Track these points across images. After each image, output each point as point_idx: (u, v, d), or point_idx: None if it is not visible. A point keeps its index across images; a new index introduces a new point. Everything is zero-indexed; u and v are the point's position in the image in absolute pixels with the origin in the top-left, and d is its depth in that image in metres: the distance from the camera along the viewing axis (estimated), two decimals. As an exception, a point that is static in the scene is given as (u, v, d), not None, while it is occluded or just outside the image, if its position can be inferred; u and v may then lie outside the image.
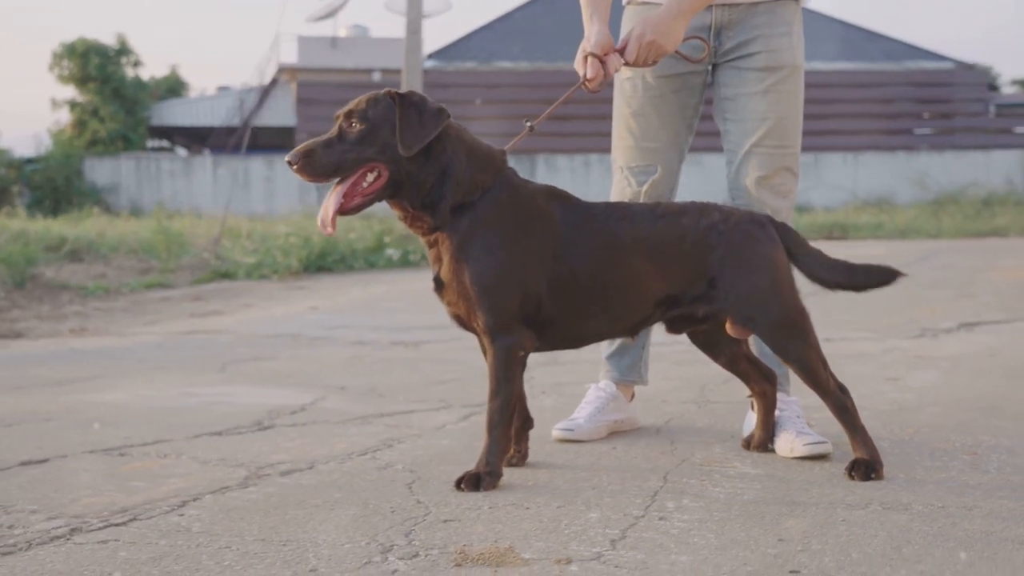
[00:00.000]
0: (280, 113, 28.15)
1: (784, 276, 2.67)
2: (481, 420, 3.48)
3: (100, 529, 2.30)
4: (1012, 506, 2.35)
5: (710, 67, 3.10)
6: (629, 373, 3.19)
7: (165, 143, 33.46)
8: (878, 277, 2.71)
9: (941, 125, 25.86)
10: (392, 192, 2.56)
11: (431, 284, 2.69)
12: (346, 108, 2.56)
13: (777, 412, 2.92)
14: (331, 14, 28.39)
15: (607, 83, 2.92)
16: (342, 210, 2.55)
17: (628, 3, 3.15)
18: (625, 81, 3.11)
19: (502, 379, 2.57)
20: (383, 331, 6.26)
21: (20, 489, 2.66)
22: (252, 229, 13.22)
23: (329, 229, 2.55)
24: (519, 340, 2.58)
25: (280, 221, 12.33)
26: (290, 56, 29.22)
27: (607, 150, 14.78)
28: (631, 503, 2.41)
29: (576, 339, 2.74)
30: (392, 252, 10.70)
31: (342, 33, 30.46)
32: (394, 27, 41.60)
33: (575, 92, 2.97)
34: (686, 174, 3.45)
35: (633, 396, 3.25)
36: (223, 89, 34.12)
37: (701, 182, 17.43)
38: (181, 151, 33.34)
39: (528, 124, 2.88)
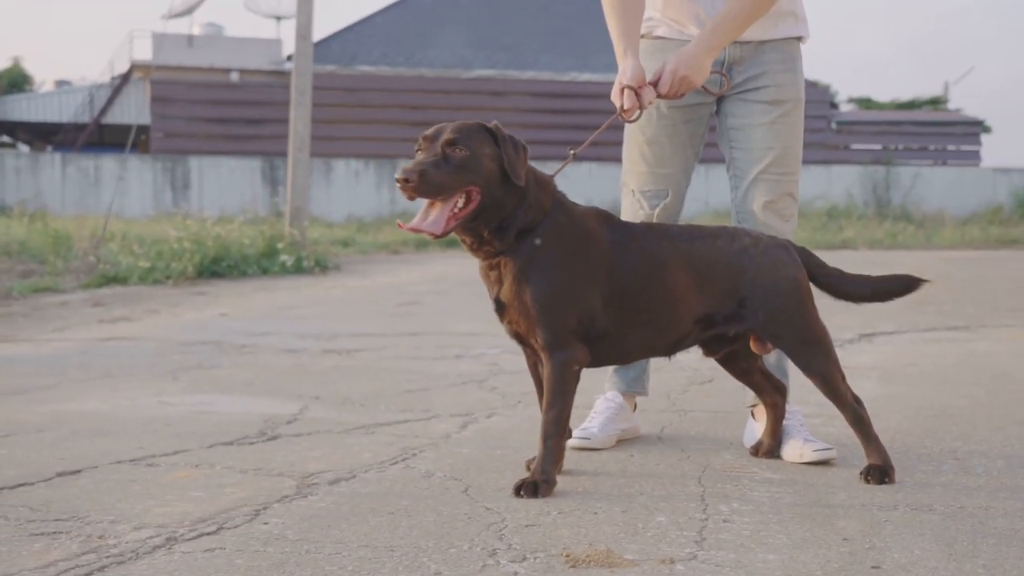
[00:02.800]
0: (132, 111, 27.49)
1: (808, 297, 2.93)
2: (478, 429, 3.64)
3: (196, 538, 2.38)
4: (1020, 506, 2.64)
5: (716, 99, 3.33)
6: (634, 384, 3.40)
7: (6, 139, 32.25)
8: (902, 286, 3.00)
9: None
10: (475, 215, 2.71)
11: (491, 306, 2.85)
12: (445, 135, 2.69)
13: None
14: (188, 11, 27.88)
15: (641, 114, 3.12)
16: (444, 232, 2.67)
17: (643, 37, 3.35)
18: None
19: (558, 392, 2.75)
20: (308, 339, 6.33)
21: (79, 500, 2.71)
22: (127, 231, 13.00)
23: (424, 231, 2.68)
24: (575, 355, 2.76)
25: (167, 224, 12.10)
26: (144, 53, 28.55)
27: None
28: (687, 507, 2.62)
29: (624, 354, 2.94)
30: (286, 258, 10.69)
31: (196, 31, 29.93)
32: (250, 27, 41.03)
33: (612, 122, 3.15)
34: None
35: (635, 406, 3.46)
36: (62, 84, 33.08)
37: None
38: (23, 147, 32.17)
39: (572, 152, 3.05)
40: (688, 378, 4.69)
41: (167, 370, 5.09)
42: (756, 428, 3.29)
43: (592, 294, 2.78)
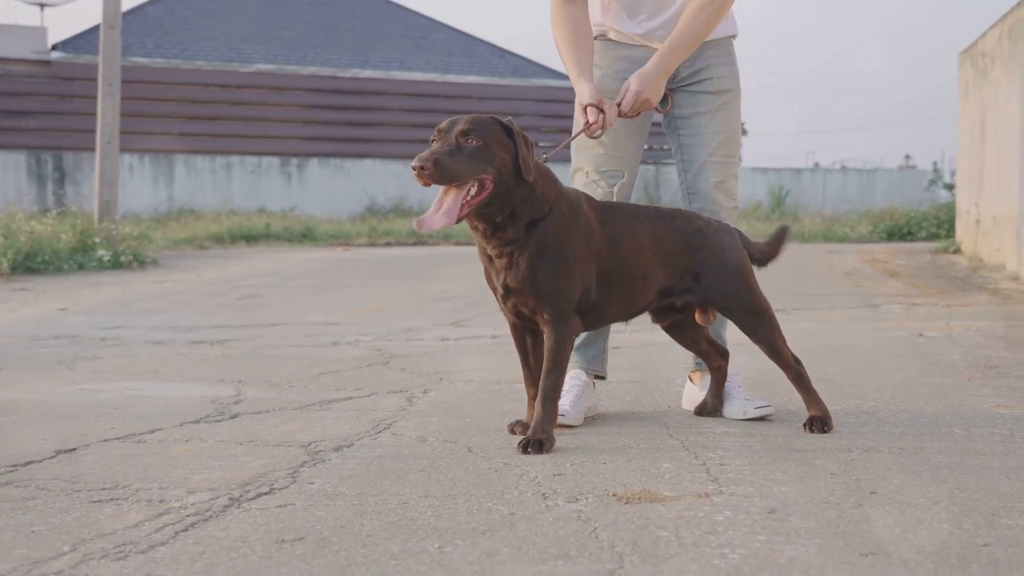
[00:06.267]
0: None
1: (751, 274, 3.33)
2: (427, 402, 3.86)
3: (255, 498, 2.53)
4: (946, 446, 3.08)
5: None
6: (595, 363, 3.65)
7: None
8: (785, 237, 3.52)
9: (561, 138, 27.93)
10: (487, 203, 2.94)
11: (499, 294, 3.11)
12: (459, 126, 2.91)
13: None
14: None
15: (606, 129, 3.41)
16: (458, 218, 2.89)
17: (597, 38, 3.64)
18: None
19: (558, 360, 3.03)
20: (166, 331, 6.34)
21: (106, 471, 2.81)
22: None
23: (438, 226, 2.89)
24: (573, 327, 3.06)
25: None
26: None
27: (249, 152, 15.39)
28: (679, 456, 2.94)
29: (603, 322, 3.24)
30: (104, 253, 10.44)
31: (-54, 17, 28.24)
32: (7, 13, 38.83)
33: (577, 136, 3.44)
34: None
35: (594, 384, 3.72)
36: None
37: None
38: None
39: (544, 157, 3.31)
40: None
41: (53, 362, 5.05)
42: (694, 391, 3.65)
43: (590, 272, 3.08)
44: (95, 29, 26.23)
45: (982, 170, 12.19)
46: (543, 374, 3.05)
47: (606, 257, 3.12)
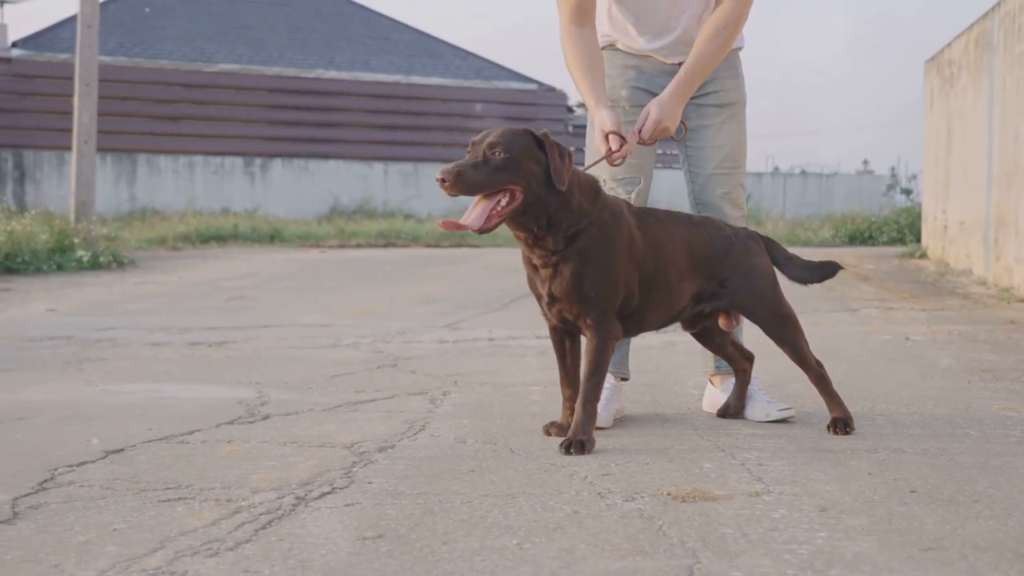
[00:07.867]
0: None
1: (775, 280, 3.46)
2: (451, 404, 3.95)
3: (320, 498, 2.61)
4: (966, 447, 3.21)
5: None
6: (620, 366, 3.74)
7: None
8: (833, 270, 3.56)
9: (524, 141, 27.98)
10: (520, 213, 3.04)
11: (544, 301, 3.22)
12: (489, 139, 3.01)
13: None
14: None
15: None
16: (485, 227, 2.99)
17: (604, 48, 3.73)
18: None
19: (599, 364, 3.13)
20: (160, 333, 6.37)
21: (162, 472, 2.87)
22: None
23: (465, 225, 3.00)
24: (615, 332, 3.16)
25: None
26: None
27: (212, 152, 15.56)
28: (717, 456, 3.05)
29: (641, 327, 3.34)
30: (83, 254, 10.41)
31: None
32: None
33: (599, 162, 3.52)
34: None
35: (620, 387, 3.81)
36: None
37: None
38: None
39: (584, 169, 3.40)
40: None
41: (59, 363, 5.08)
42: (715, 393, 3.76)
43: (632, 278, 3.19)
44: (57, 26, 26.03)
45: (949, 176, 12.44)
46: (584, 376, 3.14)
47: (648, 263, 3.23)
